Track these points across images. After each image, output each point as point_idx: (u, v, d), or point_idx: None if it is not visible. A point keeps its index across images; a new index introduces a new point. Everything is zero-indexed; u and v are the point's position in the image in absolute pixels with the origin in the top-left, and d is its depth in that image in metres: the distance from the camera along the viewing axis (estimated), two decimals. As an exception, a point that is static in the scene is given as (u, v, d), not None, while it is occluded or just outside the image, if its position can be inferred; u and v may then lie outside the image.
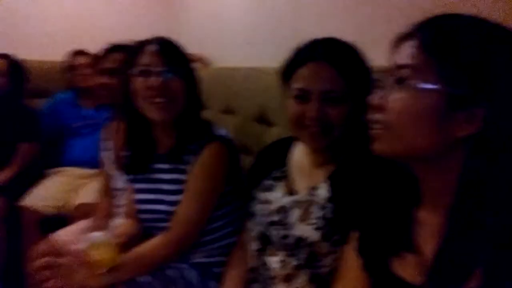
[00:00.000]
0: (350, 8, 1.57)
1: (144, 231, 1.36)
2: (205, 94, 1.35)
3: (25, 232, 2.04)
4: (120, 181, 1.64)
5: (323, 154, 1.01)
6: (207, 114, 1.38)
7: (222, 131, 1.29)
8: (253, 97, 1.79)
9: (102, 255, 1.12)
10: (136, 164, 1.34)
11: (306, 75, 0.94)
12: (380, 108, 0.65)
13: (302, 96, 0.94)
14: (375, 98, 0.67)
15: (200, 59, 2.51)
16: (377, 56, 0.91)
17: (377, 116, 0.66)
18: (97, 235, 1.14)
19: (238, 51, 2.35)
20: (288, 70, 0.98)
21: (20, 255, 1.88)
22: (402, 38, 0.66)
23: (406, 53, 0.63)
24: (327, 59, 0.93)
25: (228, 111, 1.99)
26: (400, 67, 0.64)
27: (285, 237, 0.98)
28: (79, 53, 2.48)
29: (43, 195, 2.15)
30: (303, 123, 0.95)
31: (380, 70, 0.75)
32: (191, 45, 2.61)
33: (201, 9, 2.84)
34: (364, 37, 1.07)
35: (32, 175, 2.31)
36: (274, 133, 1.59)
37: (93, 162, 1.97)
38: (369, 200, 0.79)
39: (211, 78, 2.12)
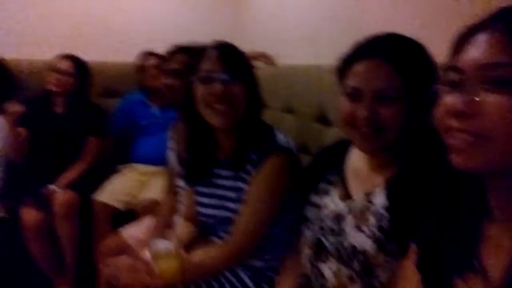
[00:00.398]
0: (415, 2, 1.48)
1: (201, 233, 1.39)
2: (265, 93, 1.33)
3: (96, 226, 2.17)
4: (183, 179, 1.68)
5: (381, 157, 0.95)
6: (267, 113, 1.37)
7: (283, 139, 1.26)
8: (313, 96, 1.75)
9: (166, 266, 1.15)
10: (196, 168, 1.36)
11: (360, 72, 0.89)
12: (469, 115, 0.56)
13: (355, 94, 0.90)
14: (459, 102, 0.57)
15: (263, 57, 2.51)
16: (444, 53, 0.84)
17: (464, 123, 0.57)
18: (162, 245, 1.17)
19: (300, 49, 2.31)
20: (344, 67, 0.94)
21: (92, 248, 2.00)
22: (472, 32, 0.59)
23: (493, 49, 0.55)
24: (383, 56, 0.87)
25: (288, 110, 1.96)
26: (493, 65, 0.54)
27: (338, 244, 0.94)
28: (149, 54, 2.59)
29: (114, 190, 2.27)
30: (354, 123, 0.90)
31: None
32: (254, 43, 2.64)
33: (264, 7, 2.84)
34: (430, 33, 1.00)
35: (104, 171, 2.45)
36: (333, 134, 1.54)
37: (159, 159, 2.03)
38: (430, 211, 0.72)
39: (272, 76, 2.11)
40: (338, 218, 0.96)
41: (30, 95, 2.43)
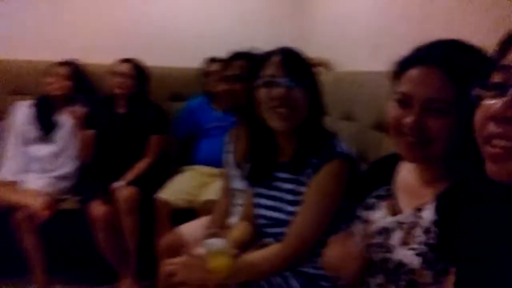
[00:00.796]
0: (482, 10, 1.39)
1: (258, 235, 1.41)
2: (325, 99, 1.33)
3: (158, 222, 2.28)
4: (238, 181, 1.72)
5: (433, 171, 0.90)
6: (326, 120, 1.37)
7: (344, 146, 1.26)
8: (373, 104, 1.71)
9: (217, 263, 1.19)
10: (258, 171, 1.39)
11: (412, 78, 0.85)
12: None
13: (404, 101, 0.86)
14: (501, 105, 0.54)
15: (323, 64, 2.50)
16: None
17: (506, 128, 0.54)
18: (215, 242, 1.21)
19: (362, 57, 2.27)
20: (398, 71, 0.90)
21: (152, 244, 2.09)
22: None
23: None
24: (440, 64, 0.82)
25: (347, 117, 1.93)
26: None
27: (385, 260, 0.91)
28: (213, 60, 2.68)
29: (176, 189, 2.36)
30: (401, 130, 0.86)
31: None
32: (316, 49, 2.63)
33: (327, 14, 2.82)
34: (497, 39, 0.94)
35: (168, 171, 2.56)
36: (392, 142, 1.49)
37: (220, 161, 2.09)
38: (472, 230, 0.67)
39: (332, 83, 2.09)
40: (386, 233, 0.94)
41: (95, 97, 2.59)
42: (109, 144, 2.49)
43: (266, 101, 1.25)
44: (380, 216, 0.97)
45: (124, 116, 2.55)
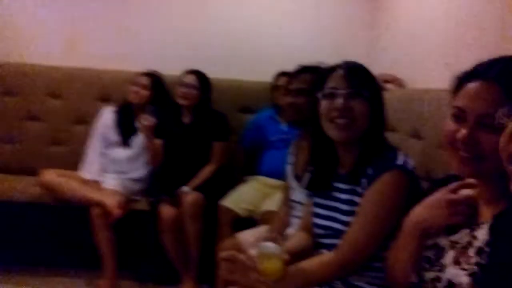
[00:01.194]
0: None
1: (315, 245, 1.41)
2: (394, 115, 1.31)
3: (220, 228, 2.35)
4: (298, 193, 1.74)
5: (491, 191, 0.87)
6: (393, 136, 1.34)
7: (404, 160, 1.24)
8: (441, 122, 1.64)
9: (268, 265, 1.21)
10: (318, 181, 1.41)
11: (468, 93, 0.84)
12: None
13: (459, 116, 0.85)
14: None
15: (394, 80, 2.45)
16: None
17: None
18: (269, 246, 1.23)
19: (435, 73, 2.19)
20: (457, 85, 0.89)
21: (214, 249, 2.16)
22: None
23: None
24: (497, 79, 0.80)
25: (415, 135, 1.88)
26: None
27: (436, 279, 0.88)
28: (282, 74, 2.73)
29: (239, 198, 2.43)
30: (454, 145, 0.85)
31: None
32: (389, 66, 2.58)
33: (399, 31, 2.76)
34: None
35: (233, 180, 2.64)
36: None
37: (282, 174, 2.13)
38: None
39: (401, 100, 2.05)
40: (439, 251, 0.91)
41: (168, 108, 2.72)
42: (177, 152, 2.63)
43: (327, 112, 1.27)
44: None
45: (190, 125, 2.66)
